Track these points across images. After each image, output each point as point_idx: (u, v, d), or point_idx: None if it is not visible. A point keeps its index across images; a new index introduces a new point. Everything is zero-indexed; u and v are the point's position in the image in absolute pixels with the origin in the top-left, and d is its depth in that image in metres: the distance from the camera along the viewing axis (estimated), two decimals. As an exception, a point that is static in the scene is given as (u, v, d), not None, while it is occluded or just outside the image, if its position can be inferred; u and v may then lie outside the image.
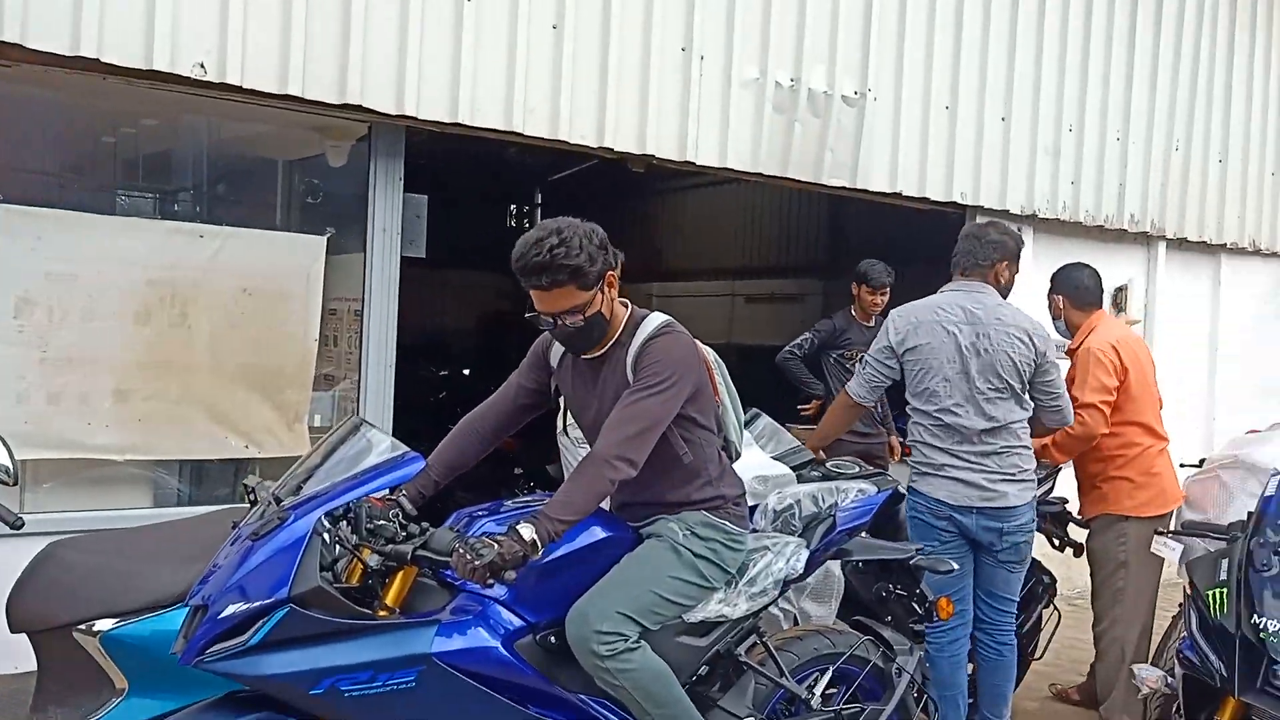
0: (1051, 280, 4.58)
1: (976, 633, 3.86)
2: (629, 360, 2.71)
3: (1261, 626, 2.51)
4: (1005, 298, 3.89)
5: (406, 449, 2.51)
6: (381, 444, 2.52)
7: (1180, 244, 7.40)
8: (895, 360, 3.78)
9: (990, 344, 3.68)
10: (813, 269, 11.36)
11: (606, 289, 2.68)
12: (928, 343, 3.71)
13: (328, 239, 4.49)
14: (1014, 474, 3.72)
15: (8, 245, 3.80)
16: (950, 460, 3.71)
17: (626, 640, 2.57)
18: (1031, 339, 3.71)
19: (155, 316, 4.09)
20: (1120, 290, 7.18)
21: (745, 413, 3.22)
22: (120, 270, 4.01)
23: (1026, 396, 3.76)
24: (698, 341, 2.85)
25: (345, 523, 2.43)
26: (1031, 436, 3.87)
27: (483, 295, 11.40)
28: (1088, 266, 4.53)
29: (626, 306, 2.79)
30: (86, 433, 3.97)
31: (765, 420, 4.10)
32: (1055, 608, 4.57)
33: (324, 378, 4.63)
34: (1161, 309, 7.26)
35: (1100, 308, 4.53)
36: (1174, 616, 4.01)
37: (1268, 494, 2.89)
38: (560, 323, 2.63)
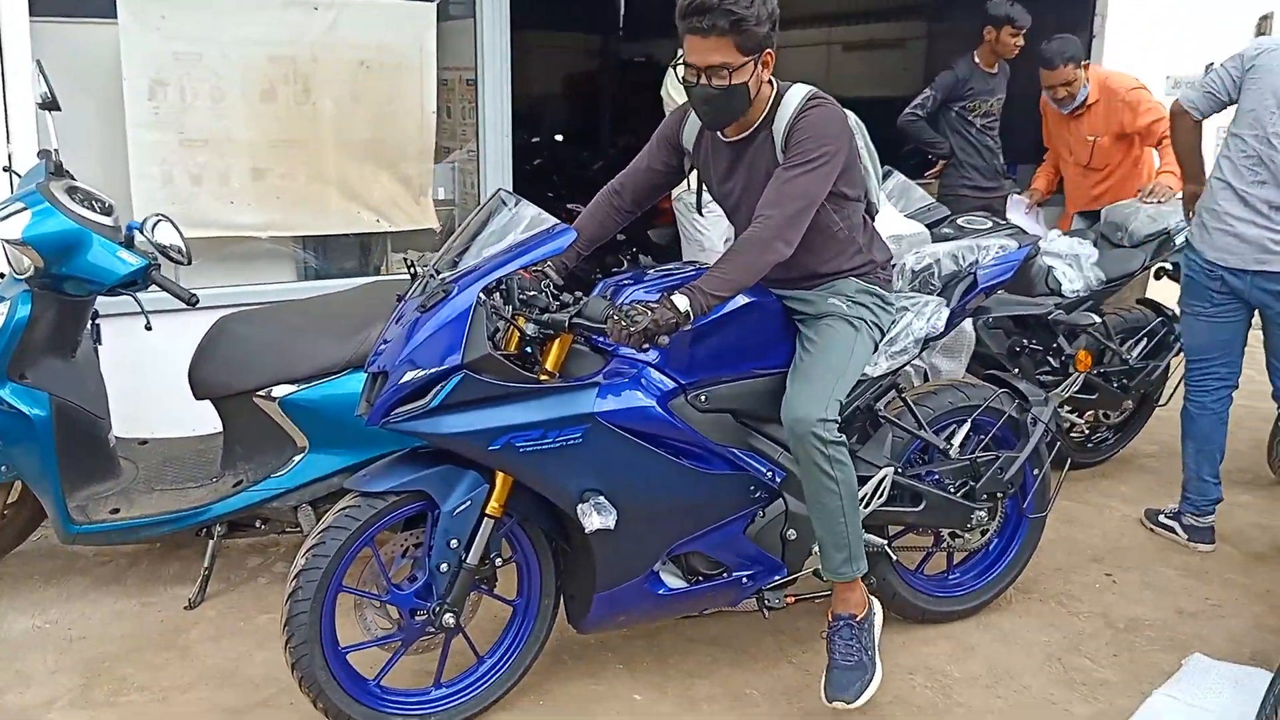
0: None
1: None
2: (779, 138, 2.64)
3: None
4: None
5: (556, 221, 2.54)
6: (529, 216, 2.55)
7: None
8: (1241, 71, 3.47)
9: None
10: (914, 10, 10.69)
11: (762, 66, 2.58)
12: (1276, 67, 3.41)
13: (437, 4, 4.39)
14: None
15: (135, 27, 3.82)
16: (1237, 210, 3.49)
17: (839, 424, 2.66)
18: None
19: (280, 94, 4.11)
20: (1265, 19, 6.69)
21: (879, 169, 3.16)
22: (241, 48, 4.02)
23: None
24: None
25: (499, 294, 2.52)
26: None
27: (570, 58, 11.07)
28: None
29: (773, 84, 2.69)
30: (230, 211, 4.11)
31: (897, 177, 4.02)
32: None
33: (441, 149, 4.65)
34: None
35: None
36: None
37: None
38: (703, 80, 2.55)
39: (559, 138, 9.61)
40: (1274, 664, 2.72)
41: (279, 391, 3.07)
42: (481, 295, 2.42)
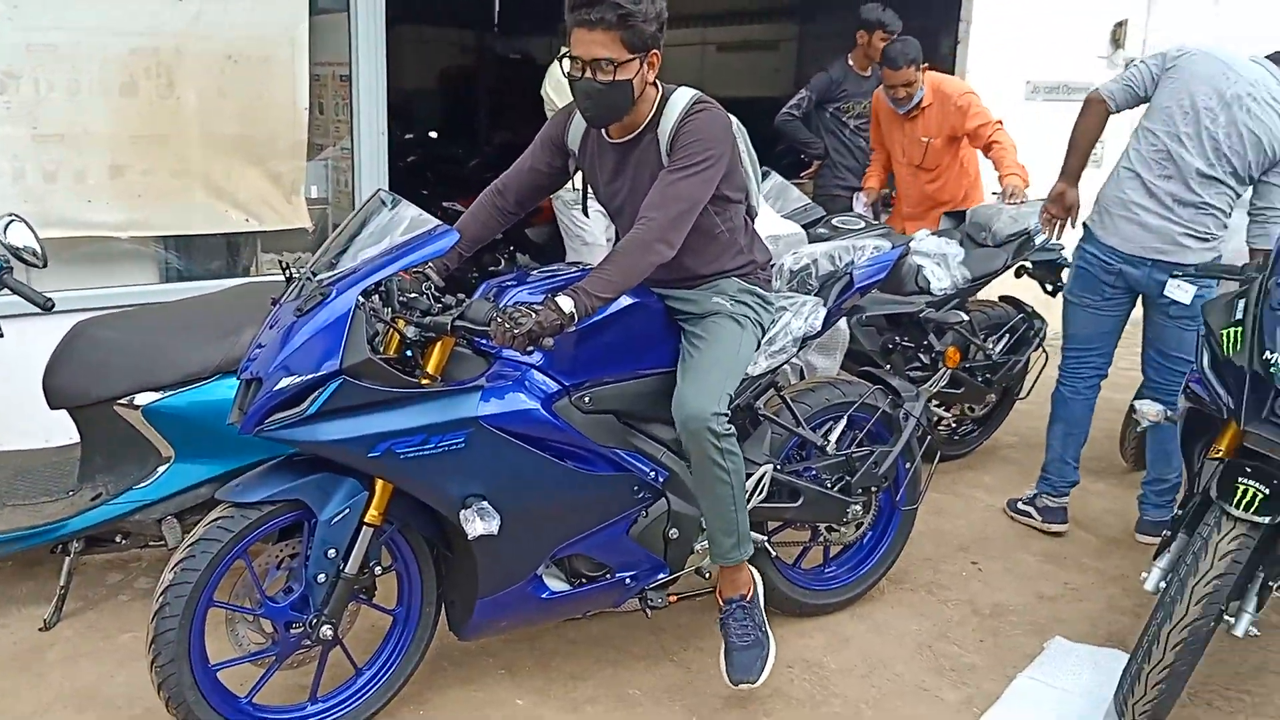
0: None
1: (1149, 396, 3.82)
2: (664, 141, 2.66)
3: (1272, 361, 2.60)
4: None
5: (438, 222, 2.51)
6: (410, 217, 2.51)
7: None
8: (1161, 69, 3.63)
9: (1248, 118, 3.51)
10: (788, 12, 10.89)
11: (647, 66, 2.59)
12: (1195, 71, 3.58)
13: (308, -2, 4.28)
14: (1200, 233, 3.62)
15: (-17, 16, 3.62)
16: (1143, 199, 3.64)
17: (729, 418, 2.69)
18: None
19: (142, 87, 3.93)
20: (1119, 25, 7.04)
21: (758, 170, 3.22)
22: (100, 39, 3.82)
23: (1245, 185, 3.61)
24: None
25: (378, 297, 2.47)
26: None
27: (447, 53, 10.92)
28: None
29: (658, 88, 2.71)
30: (88, 210, 3.91)
31: (775, 178, 4.09)
32: (1044, 350, 4.76)
33: (314, 146, 4.53)
34: (1159, 42, 7.11)
35: None
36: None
37: (1288, 233, 2.92)
38: (588, 73, 2.55)
39: (434, 134, 9.47)
40: (1128, 644, 2.88)
41: (142, 399, 2.94)
42: (360, 298, 2.37)
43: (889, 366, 4.21)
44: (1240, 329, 2.74)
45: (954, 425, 4.76)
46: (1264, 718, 2.94)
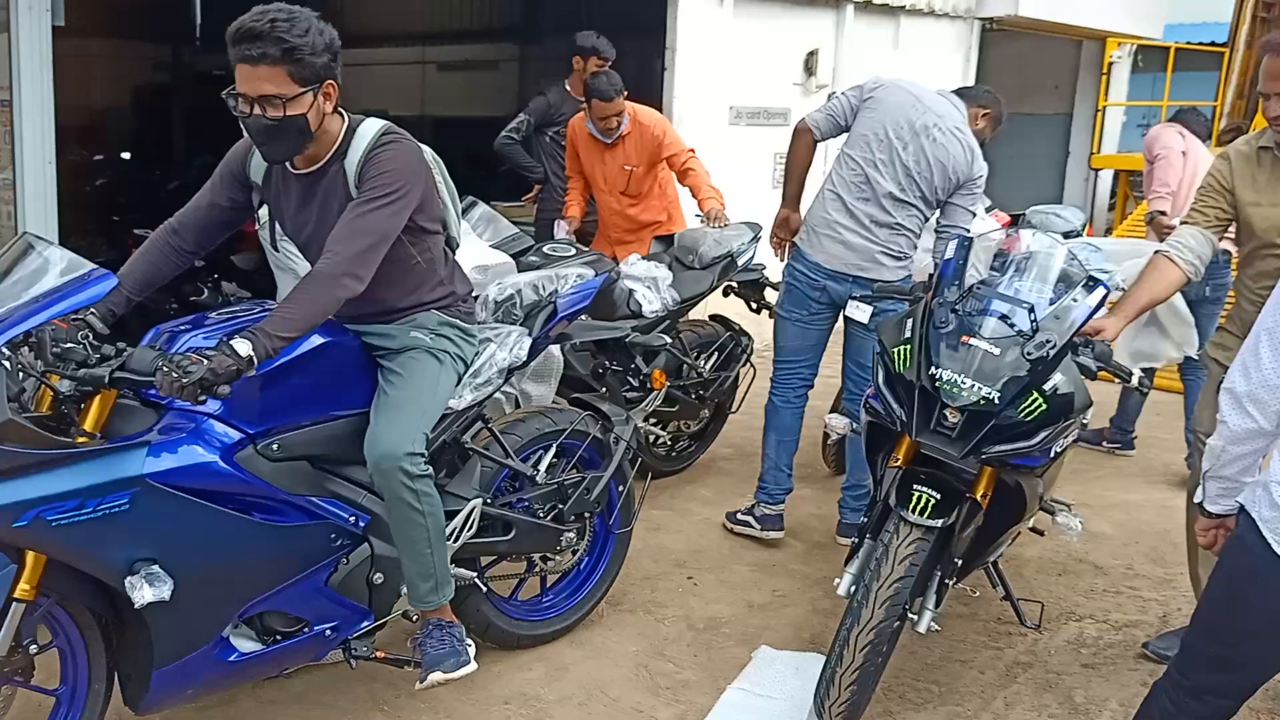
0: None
1: (847, 404, 4.08)
2: (352, 173, 2.57)
3: (936, 377, 2.82)
4: (983, 142, 4.09)
5: (92, 265, 2.29)
6: (62, 262, 2.28)
7: (866, 7, 7.74)
8: (859, 100, 3.91)
9: (934, 147, 3.82)
10: (508, 32, 10.94)
11: (322, 97, 2.49)
12: (889, 102, 3.86)
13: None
14: (895, 252, 3.92)
15: None
16: (845, 220, 3.88)
17: (425, 458, 2.62)
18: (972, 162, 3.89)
19: None
20: (811, 55, 7.49)
21: (461, 200, 3.18)
22: None
23: (932, 207, 3.94)
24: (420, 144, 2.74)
25: (27, 348, 2.24)
26: None
27: (139, 69, 10.23)
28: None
29: (343, 117, 2.61)
30: None
31: (482, 208, 4.05)
32: (751, 365, 4.98)
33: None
34: (849, 71, 7.65)
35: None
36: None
37: (947, 256, 3.17)
38: (254, 110, 2.43)
39: (126, 155, 8.81)
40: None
41: None
42: (5, 350, 2.13)
43: (605, 390, 4.26)
44: (909, 346, 2.94)
45: (671, 442, 4.88)
46: (950, 705, 3.17)
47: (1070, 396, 2.85)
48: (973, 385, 2.79)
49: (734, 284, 5.01)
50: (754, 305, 5.12)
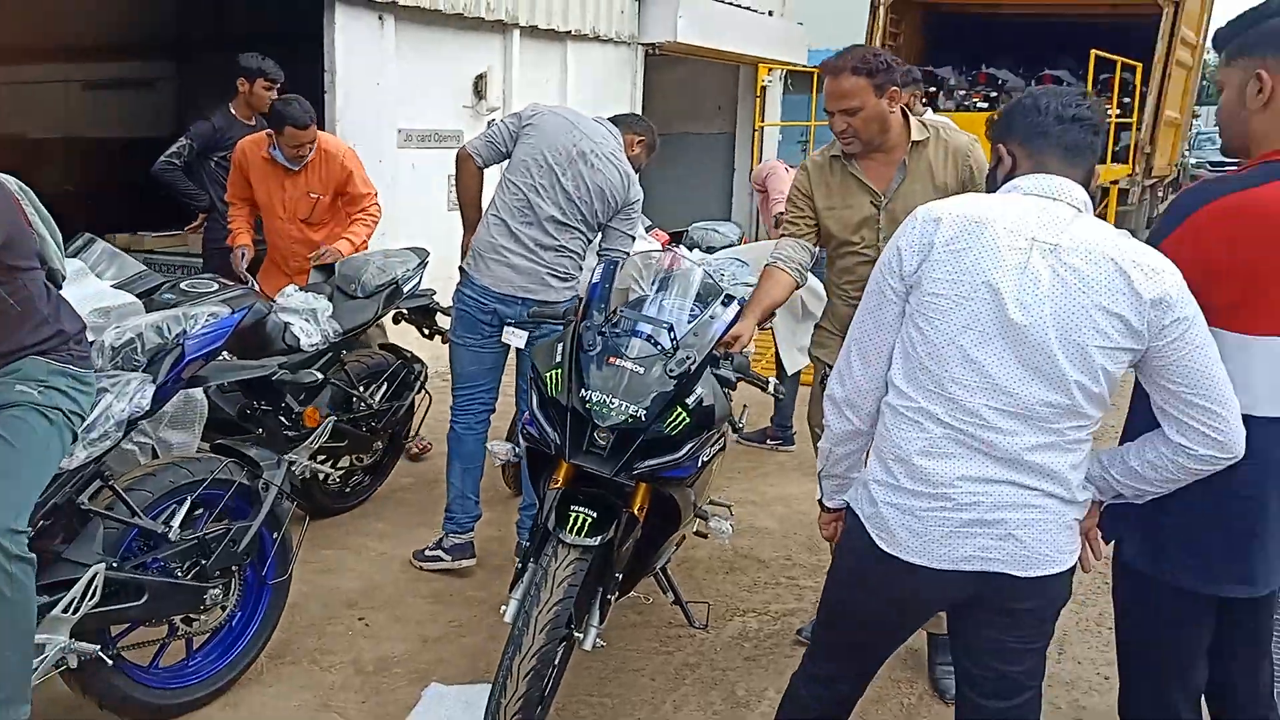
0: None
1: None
2: None
3: (586, 399, 2.85)
4: (639, 168, 4.19)
5: None
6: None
7: (532, 31, 7.86)
8: (518, 127, 3.95)
9: (591, 172, 3.91)
10: (164, 49, 10.33)
11: None
12: (547, 128, 3.91)
13: None
14: (561, 273, 3.98)
15: None
16: (510, 244, 3.90)
17: (28, 536, 2.36)
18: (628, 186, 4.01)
19: None
20: (480, 78, 7.49)
21: (77, 237, 2.90)
22: None
23: (595, 230, 4.02)
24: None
25: None
26: None
27: None
28: None
29: None
30: None
31: (101, 245, 3.70)
32: (427, 392, 4.89)
33: None
34: (518, 94, 7.72)
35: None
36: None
37: (594, 280, 3.22)
38: None
39: None
40: (496, 677, 2.99)
41: None
42: None
43: (261, 432, 4.03)
44: (560, 370, 2.97)
45: (342, 478, 4.69)
46: (623, 716, 3.22)
47: (711, 408, 2.97)
48: (621, 404, 2.85)
49: (403, 311, 4.90)
50: (425, 331, 5.03)
